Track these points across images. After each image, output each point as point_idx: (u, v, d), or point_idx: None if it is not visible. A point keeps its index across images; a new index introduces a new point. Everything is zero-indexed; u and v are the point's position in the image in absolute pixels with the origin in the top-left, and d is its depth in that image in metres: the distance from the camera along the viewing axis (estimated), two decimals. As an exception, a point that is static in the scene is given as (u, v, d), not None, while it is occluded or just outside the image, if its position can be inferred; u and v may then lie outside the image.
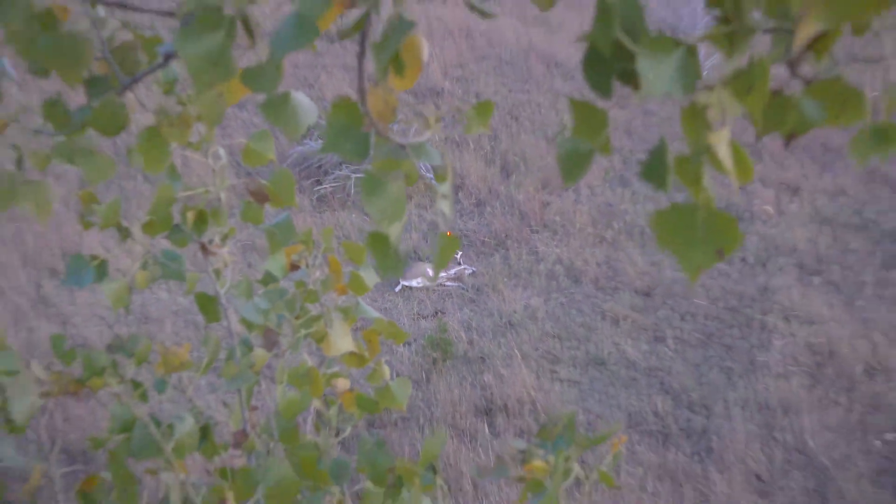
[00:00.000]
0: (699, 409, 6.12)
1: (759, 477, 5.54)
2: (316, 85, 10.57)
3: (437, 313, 7.14)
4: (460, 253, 7.72)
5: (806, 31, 0.62)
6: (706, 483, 5.45)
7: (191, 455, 1.67)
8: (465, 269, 7.60)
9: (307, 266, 1.92)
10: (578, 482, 1.43)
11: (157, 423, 1.56)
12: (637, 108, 9.95)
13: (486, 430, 5.89)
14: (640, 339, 6.83)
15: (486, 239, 8.12)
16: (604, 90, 0.85)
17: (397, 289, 7.40)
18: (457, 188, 8.86)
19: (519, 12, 12.78)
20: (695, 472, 5.55)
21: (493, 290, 7.39)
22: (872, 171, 9.06)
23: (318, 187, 8.67)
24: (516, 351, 6.57)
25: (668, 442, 5.82)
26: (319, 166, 8.87)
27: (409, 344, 6.72)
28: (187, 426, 1.51)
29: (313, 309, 1.91)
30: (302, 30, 0.90)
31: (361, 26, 0.93)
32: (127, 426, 1.49)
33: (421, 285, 7.43)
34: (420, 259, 7.71)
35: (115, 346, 1.57)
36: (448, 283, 7.48)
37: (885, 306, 7.11)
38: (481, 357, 6.56)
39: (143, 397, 1.62)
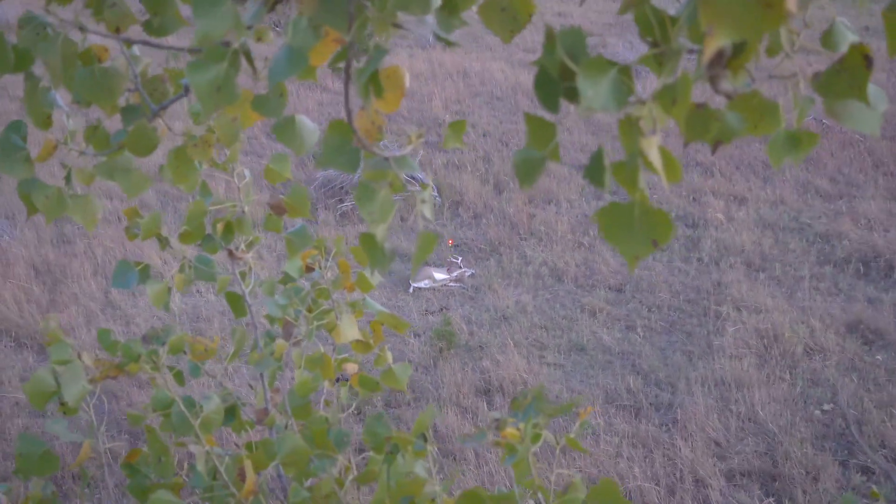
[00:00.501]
0: (665, 386, 6.08)
1: (717, 443, 5.50)
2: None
3: (442, 309, 7.12)
4: (461, 258, 7.69)
5: (713, 46, 0.60)
6: (673, 449, 5.41)
7: (225, 430, 1.65)
8: (465, 271, 7.57)
9: (320, 268, 1.90)
10: (564, 451, 1.41)
11: (193, 403, 1.55)
12: (607, 135, 9.93)
13: (486, 407, 5.86)
14: (614, 328, 6.80)
15: (482, 246, 8.10)
16: (552, 106, 0.83)
17: (411, 290, 7.37)
18: (457, 204, 8.83)
19: (507, 57, 12.83)
20: (663, 439, 5.51)
21: (489, 289, 7.37)
22: (806, 184, 9.03)
23: (341, 205, 8.66)
24: (509, 340, 6.54)
25: (640, 415, 5.79)
26: (342, 187, 8.86)
27: (419, 335, 6.70)
28: (213, 405, 1.49)
29: (327, 304, 1.89)
30: (292, 60, 0.89)
31: (345, 56, 0.92)
32: (164, 405, 1.48)
33: (428, 286, 7.41)
34: (427, 264, 7.68)
35: (151, 336, 1.55)
36: (451, 284, 7.45)
37: (820, 297, 7.07)
38: (480, 346, 6.54)
39: (180, 380, 1.61)
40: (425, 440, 1.38)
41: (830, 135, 9.79)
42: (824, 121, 9.97)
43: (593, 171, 0.80)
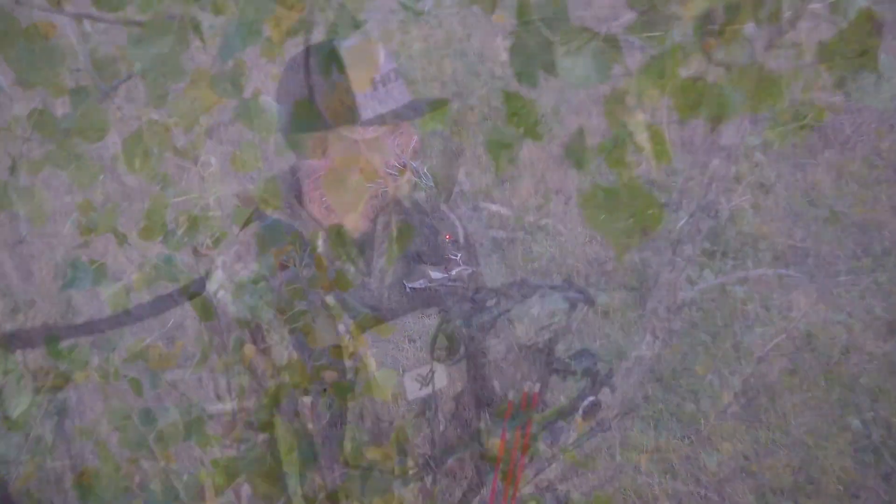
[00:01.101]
0: (687, 394, 6.08)
1: (745, 457, 5.51)
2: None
3: (439, 311, 7.12)
4: (460, 254, 7.69)
5: (691, 11, 0.61)
6: (696, 463, 5.42)
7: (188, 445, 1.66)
8: (464, 269, 7.56)
9: (296, 265, 1.90)
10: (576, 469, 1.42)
11: (153, 416, 1.55)
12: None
13: (487, 416, 5.87)
14: (630, 330, 6.81)
15: (483, 241, 8.11)
16: (530, 81, 0.84)
17: (407, 290, 7.37)
18: (455, 194, 8.83)
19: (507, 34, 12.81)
20: (685, 453, 5.52)
21: (490, 288, 7.37)
22: (841, 168, 9.02)
23: (327, 198, 8.67)
24: (514, 343, 6.55)
25: (660, 426, 5.79)
26: (328, 178, 8.88)
27: (414, 340, 6.70)
28: (170, 418, 1.50)
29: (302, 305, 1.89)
30: (243, 34, 0.90)
31: (305, 26, 0.92)
32: (120, 417, 1.49)
33: (424, 286, 7.40)
34: (423, 262, 7.68)
35: (101, 342, 1.56)
36: (449, 283, 7.45)
37: (858, 293, 7.07)
38: (481, 350, 6.54)
39: (138, 390, 1.62)
40: (405, 454, 1.39)
41: (866, 113, 9.79)
42: (862, 99, 9.95)
43: (573, 151, 0.81)
